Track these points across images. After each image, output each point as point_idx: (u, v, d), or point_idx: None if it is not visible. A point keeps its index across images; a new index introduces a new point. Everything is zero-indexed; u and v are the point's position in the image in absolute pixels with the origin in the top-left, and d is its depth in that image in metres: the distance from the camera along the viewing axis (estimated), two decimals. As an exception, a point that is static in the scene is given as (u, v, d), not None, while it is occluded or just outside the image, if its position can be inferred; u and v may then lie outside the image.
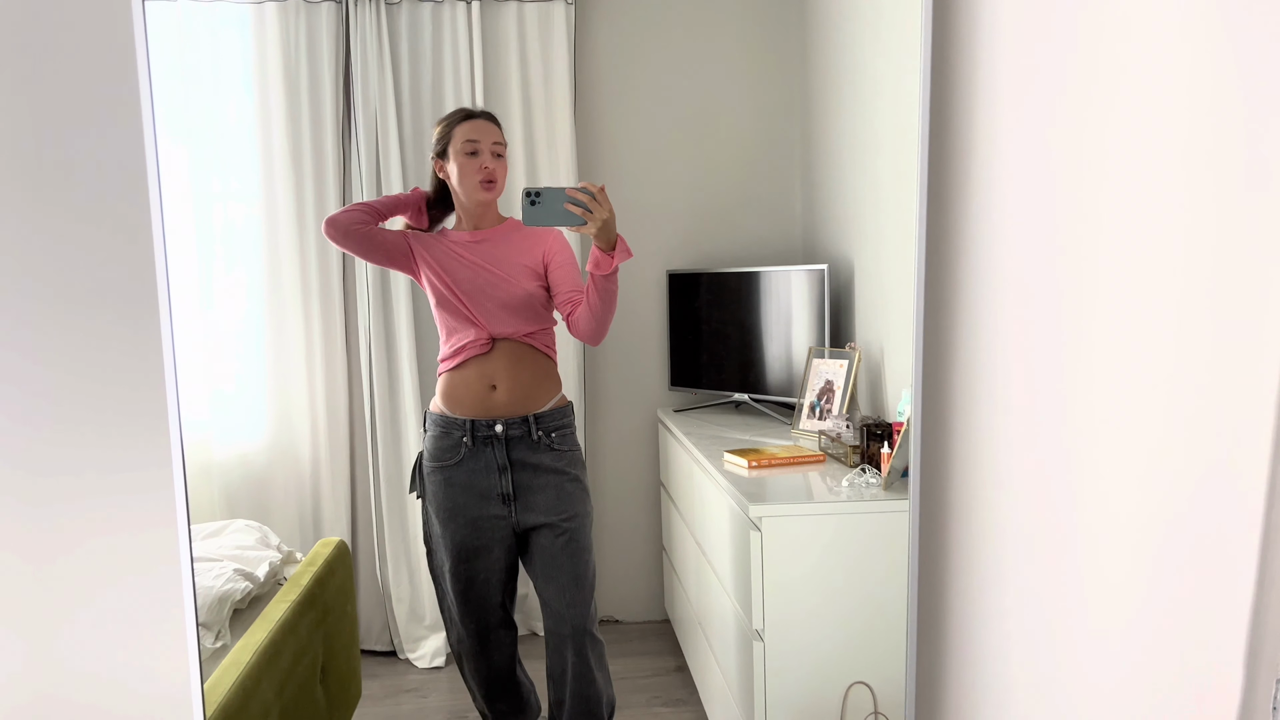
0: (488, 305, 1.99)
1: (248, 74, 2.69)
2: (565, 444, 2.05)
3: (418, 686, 2.74)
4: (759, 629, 1.89)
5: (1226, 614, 0.88)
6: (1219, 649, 0.88)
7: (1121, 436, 1.00)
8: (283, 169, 2.71)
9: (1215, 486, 0.88)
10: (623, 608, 3.18)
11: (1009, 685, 1.24)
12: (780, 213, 3.11)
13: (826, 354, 2.54)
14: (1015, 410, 1.20)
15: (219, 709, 1.52)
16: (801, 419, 2.56)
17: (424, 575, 2.82)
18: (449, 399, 2.04)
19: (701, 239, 3.10)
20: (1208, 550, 0.89)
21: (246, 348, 2.69)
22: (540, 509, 2.01)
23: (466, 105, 2.63)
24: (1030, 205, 1.16)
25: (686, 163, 3.06)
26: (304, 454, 2.75)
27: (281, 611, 1.90)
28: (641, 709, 2.61)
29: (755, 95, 3.07)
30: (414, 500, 2.81)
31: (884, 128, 2.29)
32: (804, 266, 2.69)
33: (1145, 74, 0.95)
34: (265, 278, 2.71)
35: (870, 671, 1.89)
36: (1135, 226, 0.97)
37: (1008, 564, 1.23)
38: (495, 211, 2.06)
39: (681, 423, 2.80)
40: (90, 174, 1.25)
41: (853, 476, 2.01)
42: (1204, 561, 0.90)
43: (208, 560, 2.04)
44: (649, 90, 3.04)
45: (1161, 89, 0.93)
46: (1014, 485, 1.21)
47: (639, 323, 3.10)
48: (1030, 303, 1.16)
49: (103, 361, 1.28)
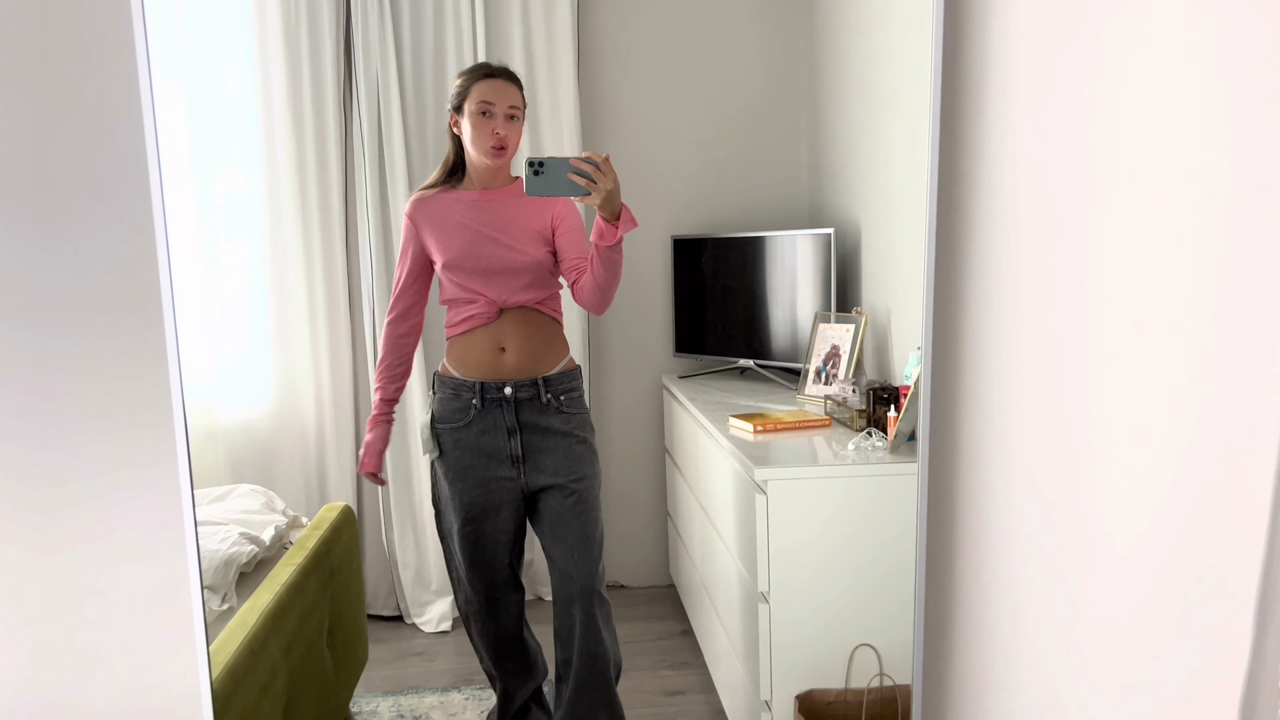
0: (495, 277, 1.98)
1: (248, 39, 2.66)
2: (574, 406, 2.04)
3: (424, 650, 2.76)
4: (764, 592, 1.90)
5: (1238, 577, 0.87)
6: (1230, 610, 0.88)
7: (1135, 398, 0.99)
8: (284, 134, 2.69)
9: (1232, 444, 0.87)
10: (628, 573, 3.19)
11: (1017, 647, 1.24)
12: (786, 177, 3.08)
13: (833, 319, 2.53)
14: (1027, 370, 1.19)
15: (225, 670, 1.52)
16: (807, 384, 2.55)
17: (430, 540, 2.83)
18: (458, 362, 2.03)
19: (706, 204, 3.07)
20: (1221, 503, 0.88)
21: (250, 314, 2.69)
22: (549, 470, 2.01)
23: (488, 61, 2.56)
24: (1046, 163, 1.14)
25: (691, 126, 3.03)
26: (308, 419, 2.75)
27: (288, 574, 1.90)
28: (647, 672, 2.63)
29: (761, 58, 3.04)
30: (421, 465, 2.82)
31: (892, 89, 2.26)
32: (810, 230, 2.67)
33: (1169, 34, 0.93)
34: (268, 244, 2.70)
35: (876, 633, 1.89)
36: (1156, 178, 0.95)
37: (1017, 527, 1.23)
38: (506, 172, 2.04)
39: (686, 389, 2.79)
40: (90, 141, 1.24)
41: (859, 440, 2.01)
42: (1217, 515, 0.89)
43: (213, 524, 2.04)
44: (653, 53, 3.00)
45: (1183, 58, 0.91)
46: (1025, 447, 1.20)
47: (644, 289, 3.08)
48: (1044, 264, 1.15)
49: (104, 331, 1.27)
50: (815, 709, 1.90)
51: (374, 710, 2.43)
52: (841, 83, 2.67)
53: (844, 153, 2.66)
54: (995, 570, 1.28)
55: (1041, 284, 1.15)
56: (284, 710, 1.76)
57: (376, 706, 2.45)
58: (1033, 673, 1.20)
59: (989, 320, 1.27)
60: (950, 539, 1.39)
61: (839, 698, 1.90)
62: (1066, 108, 1.09)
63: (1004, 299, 1.23)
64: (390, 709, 2.44)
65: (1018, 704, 1.24)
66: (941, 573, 1.42)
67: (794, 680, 1.91)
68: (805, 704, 1.89)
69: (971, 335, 1.31)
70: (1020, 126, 1.18)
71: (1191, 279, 0.90)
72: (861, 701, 1.88)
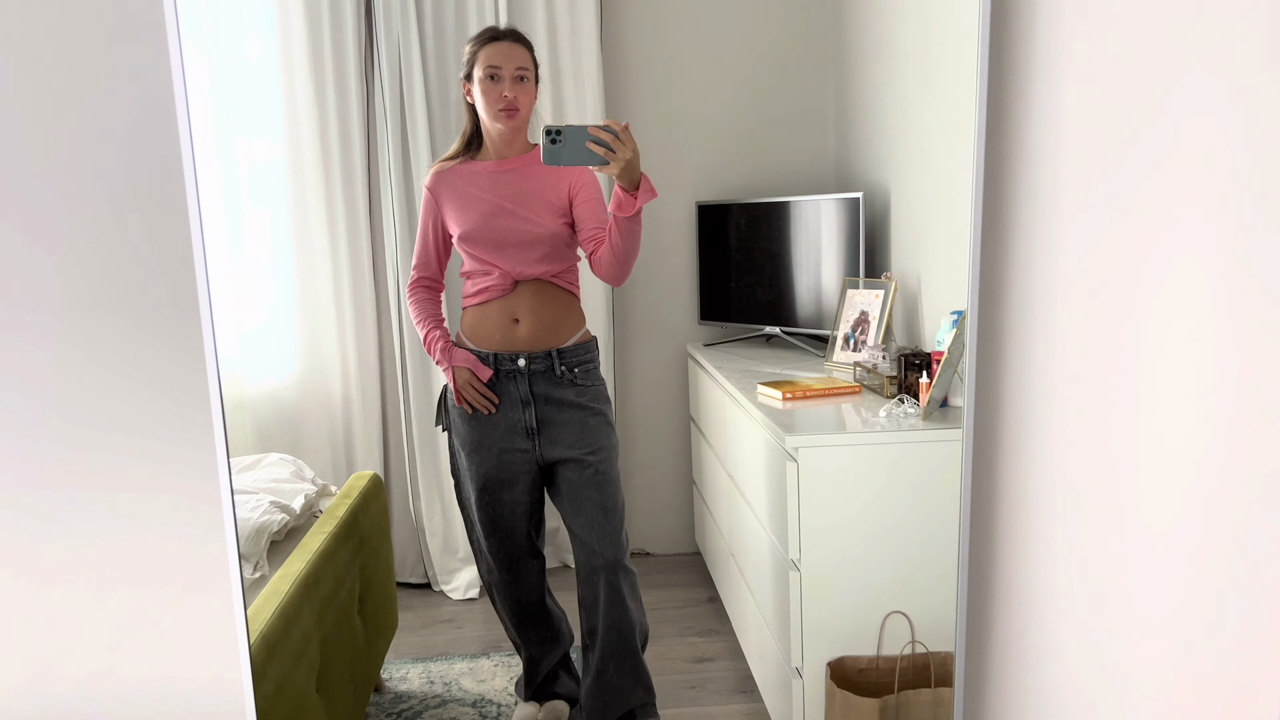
0: (511, 250, 1.97)
1: (269, 10, 2.64)
2: (588, 379, 2.03)
3: (452, 617, 2.78)
4: (795, 559, 1.89)
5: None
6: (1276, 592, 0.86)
7: (1183, 368, 0.96)
8: (306, 104, 2.67)
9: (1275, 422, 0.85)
10: (653, 541, 3.19)
11: (1060, 614, 1.22)
12: (813, 141, 3.04)
13: (861, 284, 2.50)
14: (1072, 337, 1.17)
15: (261, 638, 1.53)
16: (835, 351, 2.53)
17: (456, 508, 2.84)
18: (472, 333, 2.03)
19: (732, 169, 3.04)
20: (1267, 489, 0.86)
21: (275, 284, 2.69)
22: (564, 443, 2.01)
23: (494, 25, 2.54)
24: (1096, 127, 1.11)
25: (716, 89, 2.99)
26: (335, 389, 2.75)
27: (319, 542, 1.91)
28: (675, 639, 2.64)
29: (786, 19, 2.98)
30: (443, 434, 2.82)
31: (923, 49, 2.22)
32: (837, 195, 2.63)
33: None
34: (291, 214, 2.69)
35: (908, 601, 1.88)
36: (1215, 142, 0.92)
37: (1059, 496, 1.21)
38: (523, 139, 2.01)
39: (712, 356, 2.77)
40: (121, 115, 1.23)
41: (890, 407, 1.98)
42: (1263, 484, 0.87)
43: (244, 493, 2.05)
44: (676, 17, 2.95)
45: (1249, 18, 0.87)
46: (1069, 416, 1.18)
47: (668, 256, 3.06)
48: (1091, 231, 1.12)
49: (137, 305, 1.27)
50: (847, 676, 1.89)
51: (404, 676, 2.45)
52: (870, 44, 2.62)
53: (872, 115, 2.62)
54: (1037, 537, 1.26)
55: (1089, 249, 1.12)
56: (317, 677, 1.77)
57: (407, 673, 2.47)
58: (1074, 640, 1.19)
59: (1034, 287, 1.24)
60: (993, 507, 1.38)
61: (870, 664, 1.90)
62: (1119, 70, 1.06)
63: (1050, 265, 1.20)
64: (420, 675, 2.45)
65: (1059, 671, 1.23)
66: (983, 540, 1.40)
67: (825, 647, 1.91)
68: (836, 671, 1.89)
69: (1016, 303, 1.28)
70: (1070, 84, 1.15)
71: (1249, 253, 0.87)
72: (893, 668, 1.88)
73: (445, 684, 2.41)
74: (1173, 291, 0.97)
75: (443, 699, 2.35)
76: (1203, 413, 0.94)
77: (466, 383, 2.00)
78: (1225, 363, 0.91)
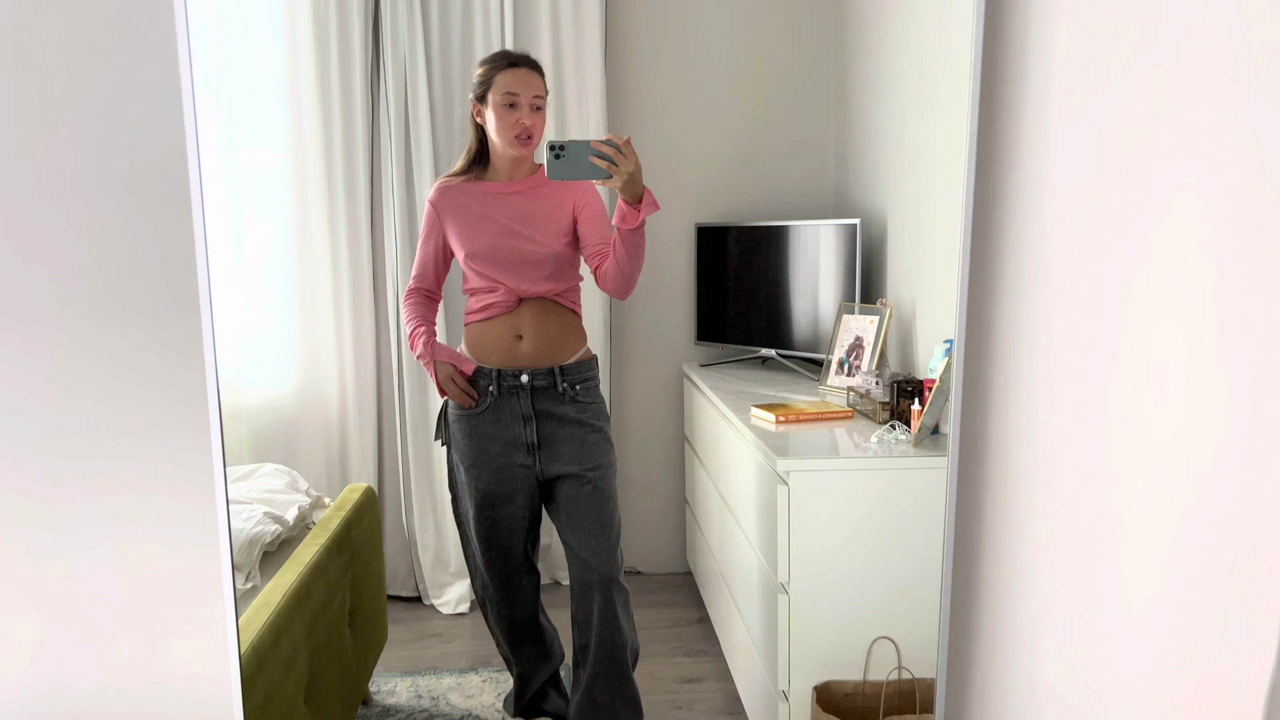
0: (516, 269, 1.99)
1: (277, 20, 2.67)
2: (589, 396, 2.05)
3: (442, 632, 2.78)
4: (784, 582, 1.90)
5: (1265, 579, 0.86)
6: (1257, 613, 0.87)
7: (1168, 398, 0.98)
8: (311, 115, 2.70)
9: (1263, 446, 0.87)
10: (645, 559, 3.20)
11: (1040, 644, 1.23)
12: (812, 166, 3.07)
13: (857, 310, 2.52)
14: (1059, 367, 1.18)
15: (250, 648, 1.54)
16: (829, 375, 2.54)
17: (449, 522, 2.85)
18: (475, 348, 2.04)
19: (731, 192, 3.06)
20: (1251, 505, 0.88)
21: (274, 293, 2.70)
22: (564, 459, 2.02)
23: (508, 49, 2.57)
24: (1085, 157, 1.13)
25: (717, 113, 3.02)
26: (331, 400, 2.77)
27: (311, 554, 1.92)
28: (664, 659, 2.64)
29: (788, 46, 3.02)
30: (440, 448, 2.83)
31: (921, 78, 2.25)
32: (835, 221, 2.66)
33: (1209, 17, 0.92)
34: (293, 224, 2.71)
35: (895, 626, 1.89)
36: (1198, 172, 0.94)
37: (1045, 524, 1.22)
38: (529, 162, 2.04)
39: (707, 377, 2.79)
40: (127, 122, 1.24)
41: (882, 433, 2.00)
42: (1246, 517, 0.88)
43: (238, 503, 2.06)
44: (680, 41, 2.99)
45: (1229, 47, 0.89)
46: (1055, 444, 1.20)
47: (666, 276, 3.08)
48: (1079, 259, 1.14)
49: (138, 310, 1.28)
50: (833, 700, 1.90)
51: (392, 690, 2.45)
52: (870, 72, 2.65)
53: (871, 143, 2.65)
54: (1021, 566, 1.27)
55: (1076, 279, 1.14)
56: (306, 689, 1.78)
57: (395, 686, 2.47)
58: (1055, 669, 1.20)
59: (1021, 316, 1.26)
60: (977, 535, 1.39)
61: (857, 689, 1.90)
62: (1107, 101, 1.08)
63: (1037, 294, 1.22)
64: (408, 689, 2.46)
65: (1040, 700, 1.24)
66: (967, 568, 1.41)
67: (812, 671, 1.91)
68: (823, 695, 1.90)
69: (1003, 331, 1.30)
70: (1059, 119, 1.17)
71: (1232, 278, 0.89)
72: (879, 694, 1.89)
73: (433, 698, 2.41)
74: (1161, 321, 0.99)
75: (430, 713, 2.35)
76: (1190, 443, 0.95)
77: (448, 378, 2.02)
78: (1213, 396, 0.92)
